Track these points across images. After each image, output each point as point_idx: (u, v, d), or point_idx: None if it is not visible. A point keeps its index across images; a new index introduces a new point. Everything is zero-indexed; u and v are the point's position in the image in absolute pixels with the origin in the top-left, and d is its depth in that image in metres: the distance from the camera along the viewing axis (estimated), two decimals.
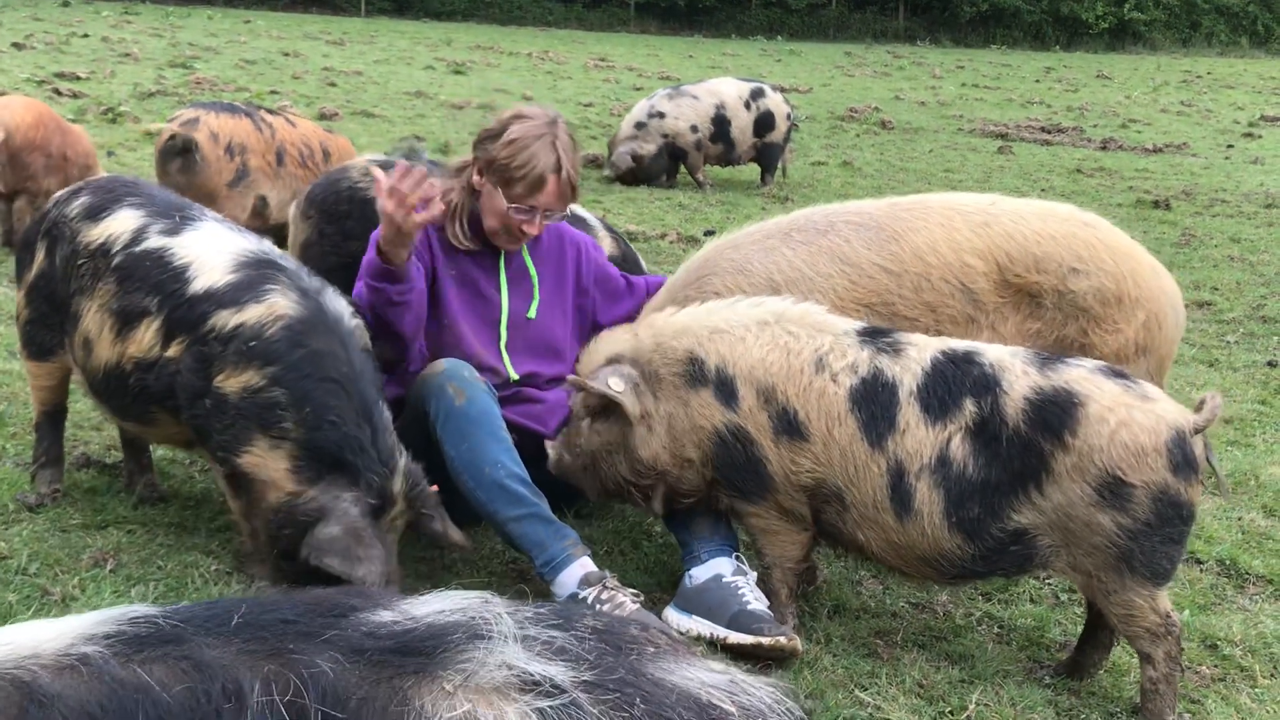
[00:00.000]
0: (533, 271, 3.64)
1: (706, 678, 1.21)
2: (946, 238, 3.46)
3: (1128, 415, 2.80)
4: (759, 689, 1.24)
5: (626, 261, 4.22)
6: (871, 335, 3.09)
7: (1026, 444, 2.85)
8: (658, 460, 3.18)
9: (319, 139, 6.64)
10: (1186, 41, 32.40)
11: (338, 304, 3.22)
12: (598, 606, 3.04)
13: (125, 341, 3.24)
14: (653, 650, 1.24)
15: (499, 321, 3.58)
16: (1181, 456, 2.79)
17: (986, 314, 3.44)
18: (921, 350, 3.02)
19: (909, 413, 2.94)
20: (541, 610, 1.26)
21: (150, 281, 3.21)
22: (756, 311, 3.17)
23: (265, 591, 3.17)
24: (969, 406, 2.90)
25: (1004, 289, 3.44)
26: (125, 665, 1.13)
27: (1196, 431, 2.82)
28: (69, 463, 3.86)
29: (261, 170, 6.27)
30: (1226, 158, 14.01)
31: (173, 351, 3.17)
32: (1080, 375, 2.88)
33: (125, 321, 3.23)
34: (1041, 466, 2.84)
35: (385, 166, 4.49)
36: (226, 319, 3.10)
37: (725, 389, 3.09)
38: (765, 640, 3.02)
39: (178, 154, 6.10)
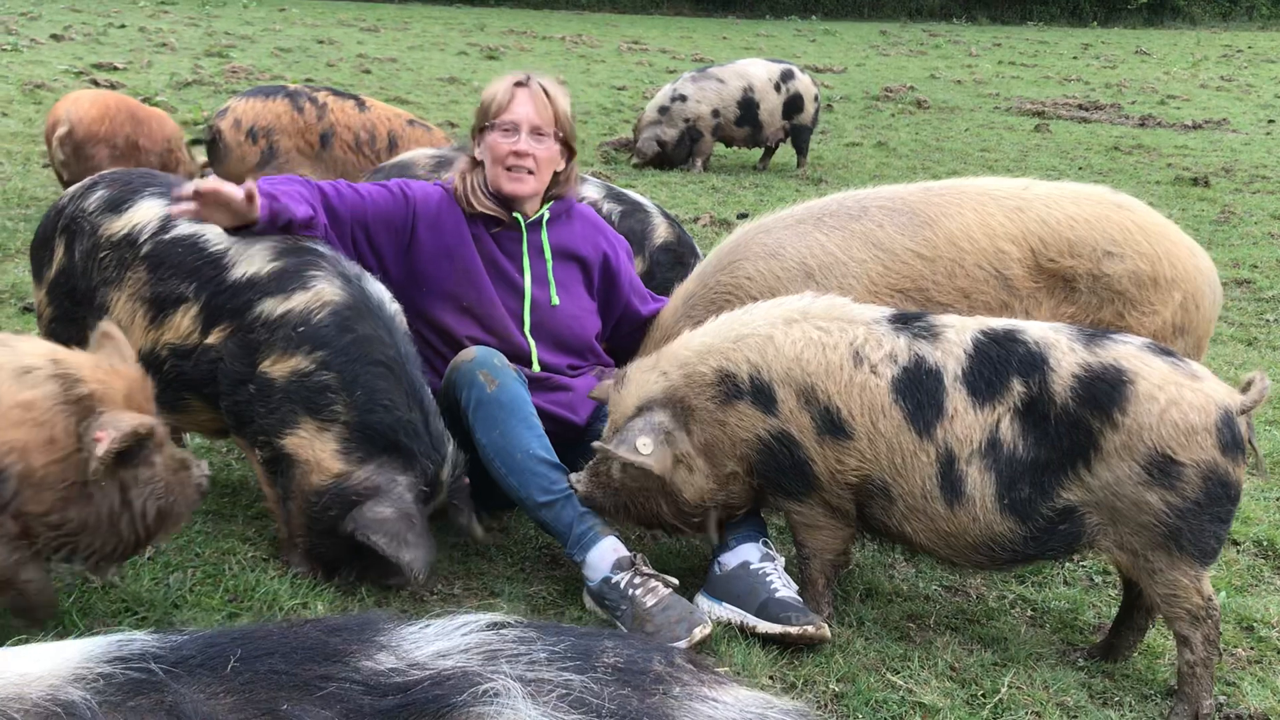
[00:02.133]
0: (548, 253, 3.62)
1: (737, 717, 1.15)
2: (980, 223, 3.44)
3: (1177, 394, 2.78)
4: None
5: (682, 245, 4.22)
6: (904, 321, 3.03)
7: (1075, 422, 2.82)
8: (704, 495, 3.12)
9: (389, 127, 6.58)
10: (1227, 15, 31.95)
11: (378, 289, 3.27)
12: (631, 592, 3.07)
13: (160, 328, 3.26)
14: (678, 690, 1.16)
15: (523, 305, 3.58)
16: (1230, 436, 2.77)
17: (1020, 299, 3.40)
18: (960, 332, 2.96)
19: (956, 397, 2.88)
20: (556, 647, 1.17)
21: (185, 268, 3.24)
22: (780, 310, 3.09)
23: (300, 578, 3.21)
24: (1017, 386, 2.86)
25: (1038, 274, 3.41)
26: (110, 716, 1.08)
27: (1244, 412, 2.80)
28: None
29: (297, 150, 6.32)
30: (1267, 133, 13.82)
31: (213, 338, 3.20)
32: (1128, 352, 2.85)
33: (160, 308, 3.26)
34: (1090, 444, 2.81)
35: (443, 162, 4.51)
36: (273, 306, 3.14)
37: (762, 395, 3.01)
38: (793, 630, 3.03)
39: (206, 144, 6.26)
